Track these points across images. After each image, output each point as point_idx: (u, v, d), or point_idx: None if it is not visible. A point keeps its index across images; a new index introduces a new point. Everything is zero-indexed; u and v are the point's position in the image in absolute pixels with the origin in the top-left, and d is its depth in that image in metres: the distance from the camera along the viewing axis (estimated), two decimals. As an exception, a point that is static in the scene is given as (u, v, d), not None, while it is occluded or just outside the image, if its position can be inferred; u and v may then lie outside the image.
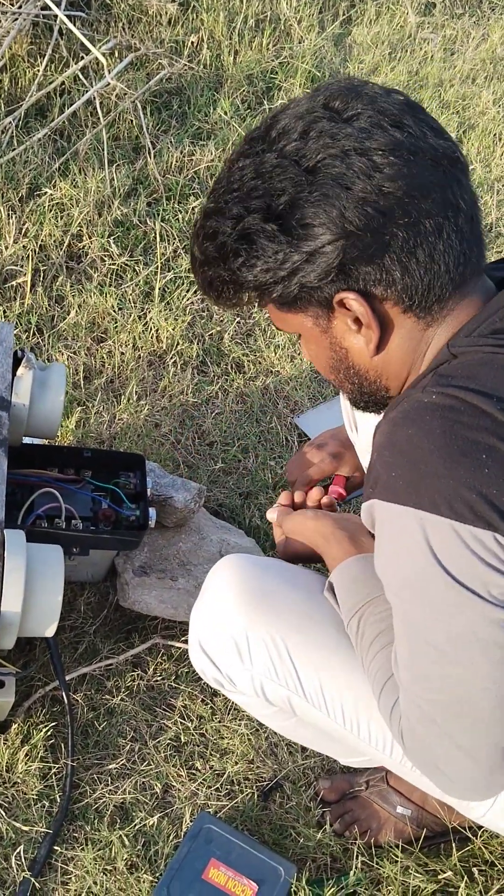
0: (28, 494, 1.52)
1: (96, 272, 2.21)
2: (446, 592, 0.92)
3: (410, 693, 1.01)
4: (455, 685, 0.96)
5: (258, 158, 0.96)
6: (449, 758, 1.01)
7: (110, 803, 1.48)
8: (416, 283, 0.96)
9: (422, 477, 0.90)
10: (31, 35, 2.56)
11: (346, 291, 0.97)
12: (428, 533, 0.90)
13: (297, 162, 0.94)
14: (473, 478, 0.88)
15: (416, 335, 1.00)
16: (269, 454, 2.00)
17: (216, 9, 2.82)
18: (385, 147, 0.93)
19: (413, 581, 0.94)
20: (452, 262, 0.96)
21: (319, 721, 1.26)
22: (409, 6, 3.22)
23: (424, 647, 0.96)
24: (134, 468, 1.63)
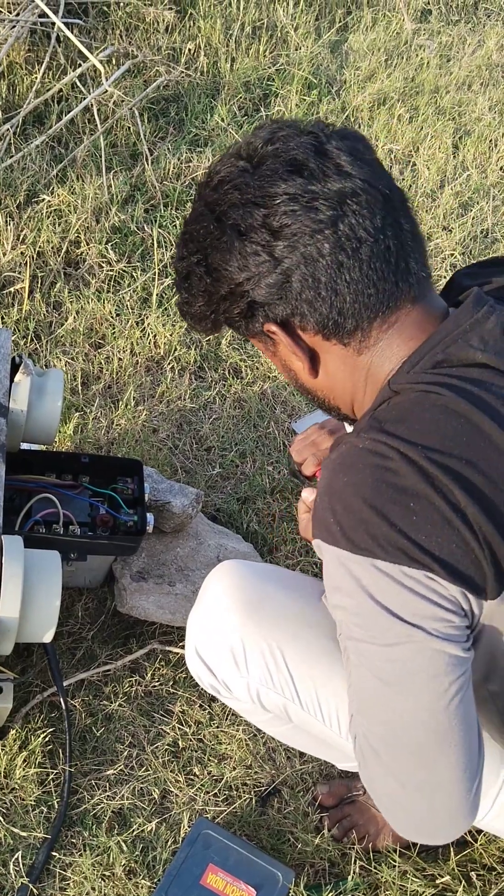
0: (26, 500, 1.52)
1: (94, 278, 2.21)
2: (384, 626, 0.94)
3: (357, 724, 1.03)
4: (394, 720, 0.98)
5: (196, 206, 1.09)
6: (395, 795, 1.02)
7: (108, 809, 1.48)
8: (326, 315, 1.02)
9: (355, 524, 0.94)
10: (29, 42, 2.57)
11: (269, 323, 1.06)
12: (359, 575, 0.94)
13: (212, 211, 1.05)
14: (403, 524, 0.92)
15: (348, 361, 1.06)
16: (267, 459, 2.01)
17: (213, 16, 2.84)
18: (282, 194, 1.00)
19: (353, 616, 0.97)
20: (361, 292, 1.01)
21: (315, 728, 1.27)
22: (406, 13, 3.24)
23: (367, 680, 0.98)
24: (132, 473, 1.63)
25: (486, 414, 0.95)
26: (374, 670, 0.97)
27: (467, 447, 0.93)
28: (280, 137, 1.02)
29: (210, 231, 1.04)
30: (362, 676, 0.99)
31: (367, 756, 1.02)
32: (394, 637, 0.94)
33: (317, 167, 1.00)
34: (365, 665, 0.98)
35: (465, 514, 0.91)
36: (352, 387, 1.08)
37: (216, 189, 1.04)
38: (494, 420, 0.94)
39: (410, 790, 1.00)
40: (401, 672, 0.95)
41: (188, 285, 1.09)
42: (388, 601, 0.93)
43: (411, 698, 0.96)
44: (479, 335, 1.00)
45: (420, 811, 1.01)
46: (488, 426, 0.94)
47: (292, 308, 1.03)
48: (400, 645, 0.94)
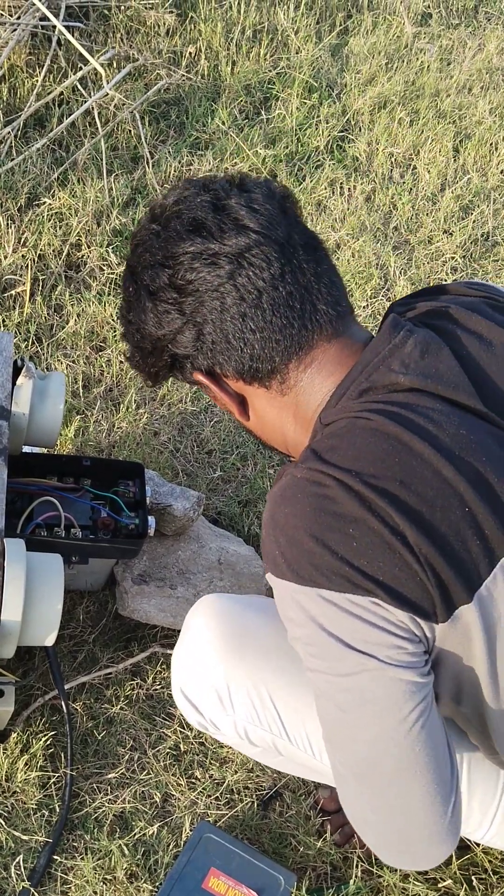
0: (28, 503, 1.52)
1: (95, 281, 2.21)
2: (338, 656, 0.94)
3: (328, 750, 1.03)
4: (359, 749, 0.98)
5: (126, 264, 1.15)
6: (369, 823, 1.02)
7: (110, 812, 1.48)
8: (240, 363, 1.07)
9: (298, 555, 0.94)
10: (30, 45, 2.57)
11: (196, 373, 1.12)
12: (307, 606, 0.94)
13: (132, 273, 1.12)
14: (344, 550, 0.92)
15: (274, 402, 1.10)
16: (268, 462, 2.01)
17: (214, 19, 2.84)
18: (183, 253, 1.05)
19: (309, 648, 0.97)
20: (268, 338, 1.05)
21: (307, 761, 1.27)
22: (406, 17, 3.24)
23: (329, 708, 0.98)
24: (133, 477, 1.63)
25: (416, 434, 0.95)
26: (334, 700, 0.97)
27: (400, 468, 0.94)
28: (184, 198, 1.08)
29: (130, 292, 1.12)
30: (324, 706, 0.99)
31: (339, 782, 1.03)
32: (348, 667, 0.94)
33: (214, 225, 1.04)
34: (325, 695, 0.98)
35: (405, 536, 0.92)
36: (280, 426, 1.12)
37: (133, 252, 1.12)
38: (424, 439, 0.95)
39: (384, 816, 1.00)
40: (358, 701, 0.95)
41: (126, 341, 1.17)
42: (337, 630, 0.93)
43: (372, 727, 0.96)
44: (399, 359, 1.01)
45: (395, 837, 1.01)
46: (419, 446, 0.95)
47: (210, 359, 1.09)
48: (355, 675, 0.94)
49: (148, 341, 1.12)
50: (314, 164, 2.68)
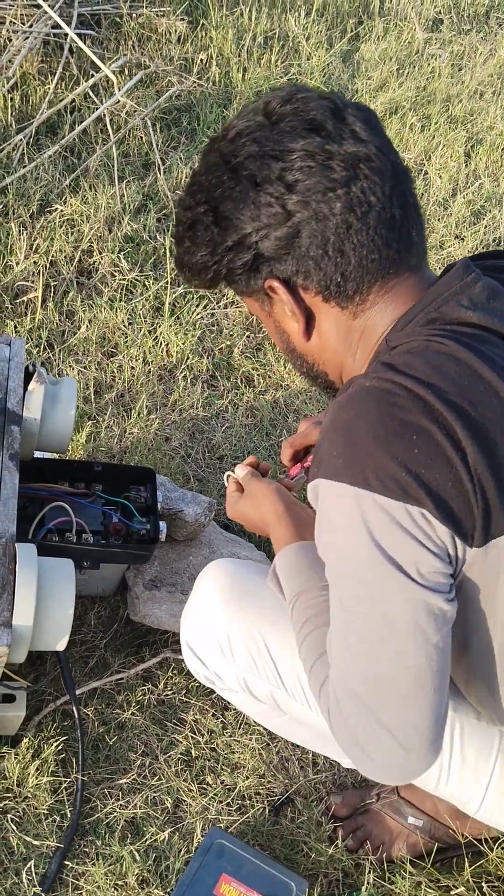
0: (39, 508, 1.52)
1: (107, 287, 2.22)
2: (377, 569, 0.94)
3: (338, 669, 1.02)
4: (378, 662, 0.98)
5: (207, 157, 1.09)
6: (370, 735, 1.02)
7: (121, 818, 1.48)
8: (330, 276, 1.04)
9: (358, 456, 0.94)
10: (42, 53, 2.59)
11: (272, 280, 1.07)
12: (364, 509, 0.94)
13: (227, 161, 1.05)
14: (405, 457, 0.93)
15: (343, 324, 1.08)
16: (279, 468, 2.01)
17: (225, 26, 2.85)
18: (299, 150, 1.01)
19: (348, 556, 0.97)
20: (364, 256, 1.03)
21: (303, 715, 1.28)
22: (417, 23, 3.25)
23: (354, 622, 0.98)
24: (144, 482, 1.64)
25: (485, 363, 0.97)
26: (357, 613, 0.97)
27: (470, 390, 0.95)
28: (299, 98, 1.04)
29: (223, 181, 1.05)
30: (344, 618, 0.99)
31: (342, 700, 1.02)
32: (383, 582, 0.95)
33: (333, 129, 1.02)
34: (347, 607, 0.98)
35: (465, 453, 0.93)
36: (342, 350, 1.10)
37: (233, 141, 1.05)
38: (492, 370, 0.97)
39: (385, 729, 1.00)
40: (384, 619, 0.96)
41: (192, 234, 1.09)
42: (383, 541, 0.94)
43: (394, 646, 0.97)
44: (468, 297, 1.03)
45: (390, 750, 1.01)
46: (488, 374, 0.96)
47: (297, 265, 1.05)
48: (388, 592, 0.95)
49: (233, 234, 1.06)
50: (325, 169, 2.68)
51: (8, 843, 1.42)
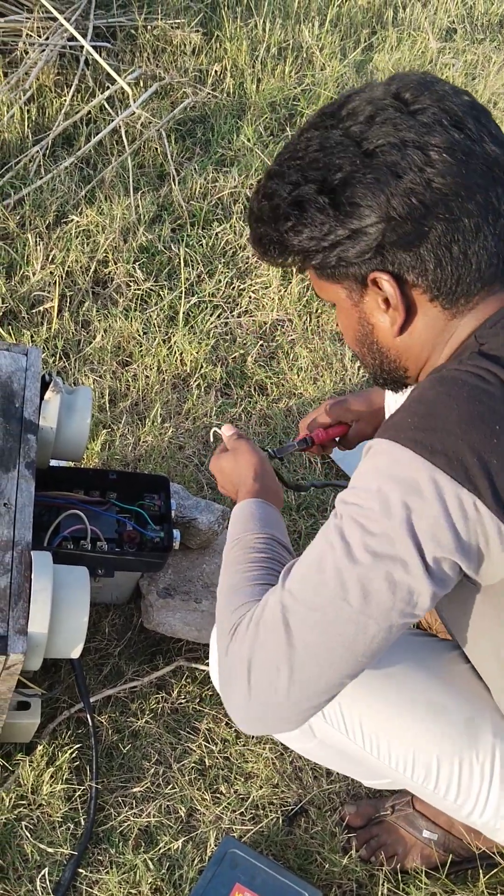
0: (54, 516, 1.53)
1: (122, 297, 2.23)
2: (395, 532, 0.93)
3: (288, 595, 0.99)
4: (331, 616, 0.96)
5: (325, 133, 1.02)
6: (269, 667, 0.99)
7: (135, 826, 1.48)
8: (447, 277, 1.01)
9: (435, 430, 0.94)
10: (59, 66, 2.62)
11: (380, 272, 1.02)
12: (417, 478, 0.93)
13: (358, 143, 0.99)
14: (481, 445, 0.92)
15: (439, 324, 1.05)
16: (293, 476, 2.01)
17: (239, 38, 2.87)
18: (441, 144, 0.97)
19: (371, 502, 0.94)
20: (485, 261, 1.01)
21: (339, 742, 1.26)
22: (431, 32, 3.26)
23: (335, 562, 0.96)
24: (158, 490, 1.64)
25: None
26: (347, 568, 0.95)
27: None
28: (436, 90, 1.00)
29: (355, 164, 0.99)
30: (330, 563, 0.96)
31: (270, 622, 0.99)
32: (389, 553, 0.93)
33: (475, 127, 0.99)
34: (339, 557, 0.95)
35: None
36: (432, 348, 1.07)
37: (367, 123, 0.99)
38: None
39: (289, 672, 0.98)
40: (364, 588, 0.94)
41: (300, 213, 1.02)
42: (418, 520, 0.92)
43: (355, 613, 0.95)
44: None
45: (272, 693, 1.00)
46: None
47: (416, 262, 1.00)
48: (387, 565, 0.93)
49: (355, 221, 0.99)
50: (339, 179, 2.69)
51: (22, 850, 1.42)
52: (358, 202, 0.99)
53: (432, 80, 1.02)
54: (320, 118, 1.04)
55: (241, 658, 1.01)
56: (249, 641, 1.01)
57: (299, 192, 1.02)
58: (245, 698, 1.01)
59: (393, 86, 1.01)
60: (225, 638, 1.06)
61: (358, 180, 0.99)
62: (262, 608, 1.02)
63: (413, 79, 1.02)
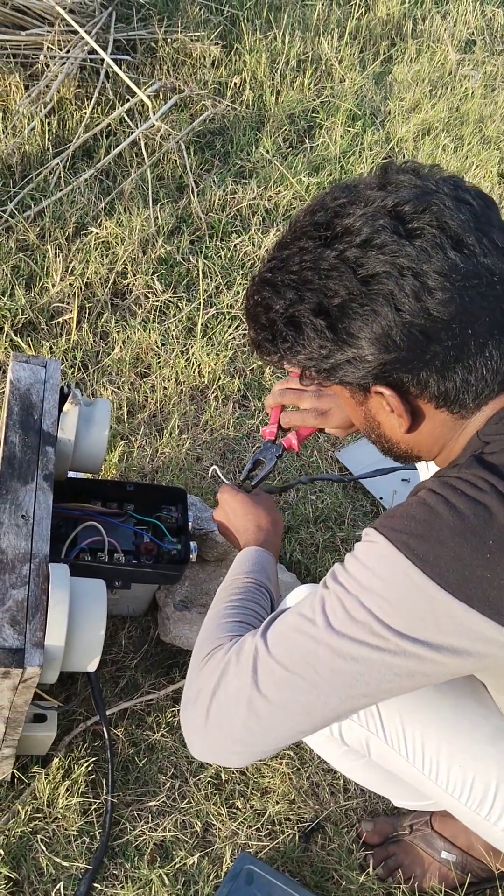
0: (72, 528, 1.53)
1: (140, 309, 2.24)
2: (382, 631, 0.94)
3: (262, 646, 1.01)
4: (296, 684, 0.98)
5: (319, 251, 0.99)
6: (231, 701, 1.02)
7: (150, 841, 1.47)
8: (451, 392, 1.01)
9: (428, 539, 0.94)
10: (79, 79, 2.63)
11: (382, 386, 1.01)
12: (406, 585, 0.94)
13: (353, 270, 0.97)
14: (472, 557, 0.92)
15: (448, 425, 1.05)
16: (310, 489, 2.00)
17: (259, 50, 2.88)
18: (440, 271, 0.95)
19: (356, 590, 0.96)
20: (490, 374, 1.00)
21: (394, 764, 1.24)
22: (450, 44, 3.25)
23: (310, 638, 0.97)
24: (176, 502, 1.64)
25: None
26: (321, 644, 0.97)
27: None
28: (436, 205, 0.97)
29: (351, 292, 0.97)
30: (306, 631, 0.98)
31: (239, 665, 1.02)
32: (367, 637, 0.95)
33: (476, 245, 0.97)
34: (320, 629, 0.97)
35: None
36: (444, 443, 1.07)
37: (364, 247, 0.97)
38: None
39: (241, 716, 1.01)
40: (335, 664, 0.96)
41: (296, 334, 1.02)
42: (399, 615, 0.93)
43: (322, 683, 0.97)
44: None
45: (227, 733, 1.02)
46: None
47: (418, 378, 0.99)
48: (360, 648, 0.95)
49: (354, 349, 0.99)
50: (358, 191, 2.69)
51: (38, 863, 1.42)
52: (356, 333, 0.98)
53: (430, 191, 0.98)
54: (313, 227, 1.01)
55: (208, 686, 1.05)
56: (219, 673, 1.04)
57: (295, 310, 1.01)
58: (202, 725, 1.04)
59: (390, 198, 0.98)
60: (198, 663, 1.09)
61: (355, 310, 0.97)
62: (240, 647, 1.05)
63: (410, 190, 0.98)
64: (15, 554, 1.26)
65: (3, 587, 1.23)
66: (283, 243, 1.04)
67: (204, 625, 1.18)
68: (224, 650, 1.07)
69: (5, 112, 2.52)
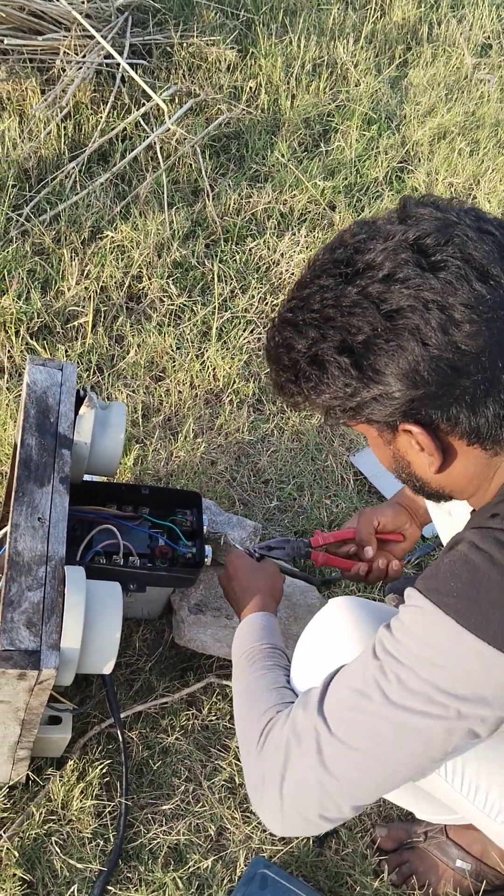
0: (88, 531, 1.53)
1: (155, 312, 2.25)
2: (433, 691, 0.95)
3: (322, 726, 1.02)
4: (363, 761, 1.00)
5: (341, 287, 0.97)
6: (296, 787, 1.03)
7: (164, 844, 1.47)
8: (483, 427, 0.98)
9: (477, 601, 0.94)
10: (95, 83, 2.65)
11: (411, 423, 0.99)
12: (460, 650, 0.94)
13: (377, 305, 0.95)
14: None
15: (481, 461, 1.02)
16: (325, 492, 2.00)
17: (274, 54, 2.88)
18: (467, 303, 0.93)
19: (411, 661, 0.97)
20: None
21: (432, 782, 1.22)
22: (466, 48, 3.25)
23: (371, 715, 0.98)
24: (190, 505, 1.64)
25: None
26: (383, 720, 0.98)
27: None
28: (458, 237, 0.95)
29: (375, 328, 0.95)
30: (365, 709, 0.99)
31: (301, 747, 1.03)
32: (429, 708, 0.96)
33: (501, 273, 0.95)
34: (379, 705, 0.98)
35: None
36: (478, 483, 1.05)
37: (387, 282, 0.94)
38: None
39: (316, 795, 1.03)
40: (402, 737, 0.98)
41: (320, 374, 0.99)
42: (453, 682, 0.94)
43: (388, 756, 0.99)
44: None
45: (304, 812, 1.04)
46: None
47: (448, 415, 0.97)
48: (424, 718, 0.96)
49: (380, 387, 0.96)
50: (373, 195, 2.69)
51: (52, 865, 1.42)
52: (381, 369, 0.95)
53: (451, 223, 0.96)
54: (333, 265, 0.99)
55: (274, 771, 1.05)
56: (283, 757, 1.05)
57: (317, 349, 0.99)
58: (278, 809, 1.05)
59: (411, 231, 0.95)
60: (254, 746, 1.09)
61: (380, 347, 0.95)
62: (294, 725, 1.05)
63: (431, 222, 0.96)
64: (31, 556, 1.27)
65: (19, 589, 1.23)
66: (303, 282, 1.02)
67: (240, 701, 1.18)
68: (279, 729, 1.07)
69: (22, 116, 2.54)
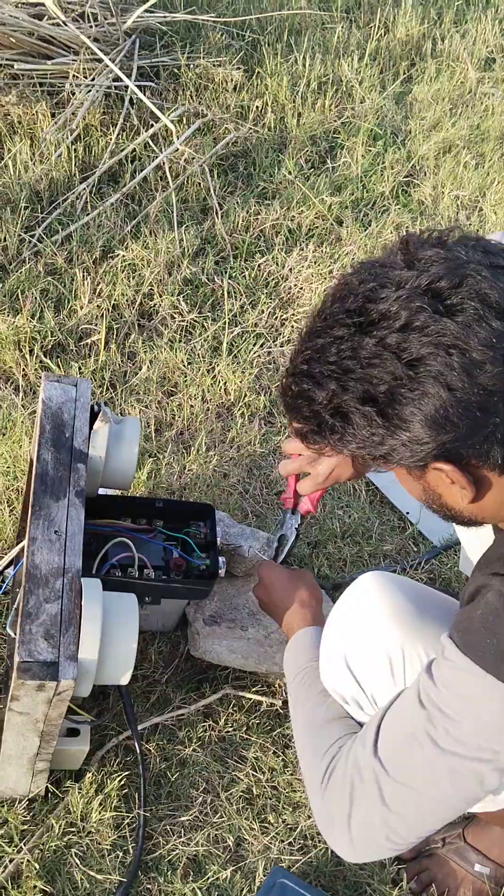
0: (103, 544, 1.55)
1: (167, 329, 2.27)
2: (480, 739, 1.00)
3: (379, 767, 1.07)
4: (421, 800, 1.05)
5: (356, 339, 0.96)
6: (362, 825, 1.09)
7: (183, 855, 1.47)
8: None
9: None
10: (104, 105, 2.69)
11: (442, 462, 0.98)
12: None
13: (397, 355, 0.94)
14: None
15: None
16: (337, 503, 2.01)
17: (280, 74, 2.92)
18: (488, 343, 0.92)
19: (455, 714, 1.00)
20: None
21: None
22: (469, 62, 3.28)
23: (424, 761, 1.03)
24: (204, 518, 1.66)
25: None
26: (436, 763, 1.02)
27: None
28: (472, 278, 0.94)
29: (399, 378, 0.94)
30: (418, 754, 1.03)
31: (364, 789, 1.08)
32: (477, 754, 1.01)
33: None
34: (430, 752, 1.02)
35: None
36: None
37: (404, 331, 0.93)
38: None
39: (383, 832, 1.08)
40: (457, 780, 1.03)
41: (345, 424, 0.98)
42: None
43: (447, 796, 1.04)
44: None
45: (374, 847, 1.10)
46: None
47: (477, 451, 0.97)
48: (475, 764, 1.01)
49: (408, 433, 0.95)
50: (380, 209, 2.71)
51: (72, 877, 1.43)
52: (408, 418, 0.95)
53: (463, 261, 0.95)
54: (346, 315, 0.98)
55: (341, 811, 1.10)
56: (348, 799, 1.09)
57: (340, 401, 0.98)
58: (349, 844, 1.11)
59: (423, 278, 0.94)
60: (319, 784, 1.14)
61: (404, 396, 0.94)
62: (356, 765, 1.10)
63: (442, 264, 0.95)
64: (48, 569, 1.29)
65: (37, 601, 1.25)
66: (314, 332, 1.01)
67: (301, 734, 1.23)
68: (341, 768, 1.11)
69: (33, 139, 2.58)
